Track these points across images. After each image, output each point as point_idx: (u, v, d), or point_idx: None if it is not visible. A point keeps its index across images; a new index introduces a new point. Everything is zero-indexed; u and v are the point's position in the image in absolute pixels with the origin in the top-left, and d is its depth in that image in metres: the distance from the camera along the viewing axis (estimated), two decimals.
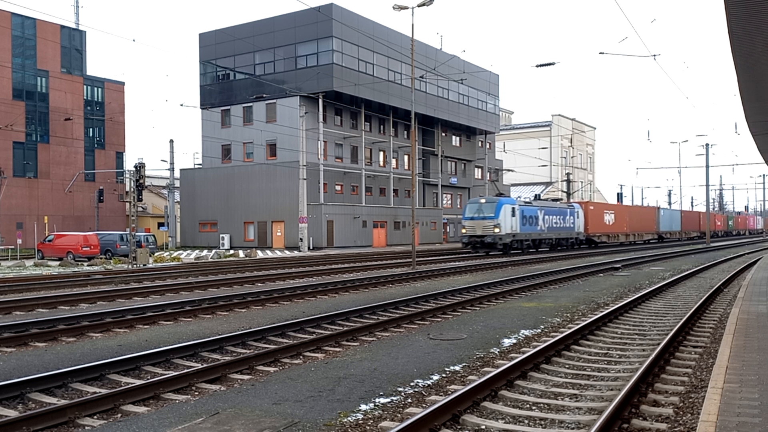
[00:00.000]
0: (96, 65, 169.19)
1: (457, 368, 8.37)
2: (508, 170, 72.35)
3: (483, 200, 38.01)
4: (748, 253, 39.98)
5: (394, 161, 54.10)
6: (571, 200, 60.52)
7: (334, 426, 6.02)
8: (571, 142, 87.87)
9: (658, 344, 9.46)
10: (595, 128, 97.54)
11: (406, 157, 55.54)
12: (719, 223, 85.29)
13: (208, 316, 13.43)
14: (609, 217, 51.54)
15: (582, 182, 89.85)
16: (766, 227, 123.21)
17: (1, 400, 6.90)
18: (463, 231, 37.93)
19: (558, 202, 46.04)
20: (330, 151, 48.05)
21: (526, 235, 39.43)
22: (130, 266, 28.75)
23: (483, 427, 6.01)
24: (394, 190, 54.26)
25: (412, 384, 7.55)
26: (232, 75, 50.80)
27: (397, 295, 16.51)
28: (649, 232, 59.84)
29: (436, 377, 7.88)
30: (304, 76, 46.24)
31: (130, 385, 7.13)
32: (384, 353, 9.32)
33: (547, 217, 41.96)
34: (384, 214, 51.81)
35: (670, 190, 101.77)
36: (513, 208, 37.88)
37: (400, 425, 5.46)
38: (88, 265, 31.38)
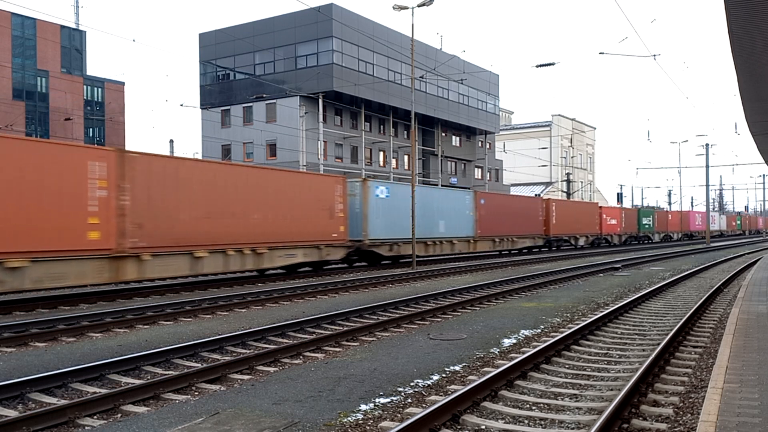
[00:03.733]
0: (96, 65, 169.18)
1: (457, 368, 8.36)
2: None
3: None
4: (748, 253, 39.99)
5: (394, 161, 54.07)
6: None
7: (334, 426, 6.02)
8: (571, 142, 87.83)
9: (658, 344, 9.46)
10: (595, 128, 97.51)
11: (406, 157, 55.51)
12: (613, 222, 53.01)
13: (208, 316, 13.43)
14: None
15: (582, 182, 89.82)
16: (731, 228, 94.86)
17: (1, 400, 6.90)
18: None
19: None
20: (330, 151, 48.01)
21: None
22: None
23: (483, 427, 6.01)
24: None
25: (412, 384, 7.55)
26: (232, 75, 50.76)
27: (397, 295, 16.51)
28: (286, 246, 21.31)
29: (436, 377, 7.88)
30: (304, 76, 46.21)
31: (130, 385, 7.13)
32: (384, 353, 9.32)
33: None
34: None
35: (670, 190, 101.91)
36: None
37: (400, 425, 5.45)
38: None
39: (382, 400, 6.88)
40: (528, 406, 6.71)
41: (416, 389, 7.33)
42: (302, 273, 23.76)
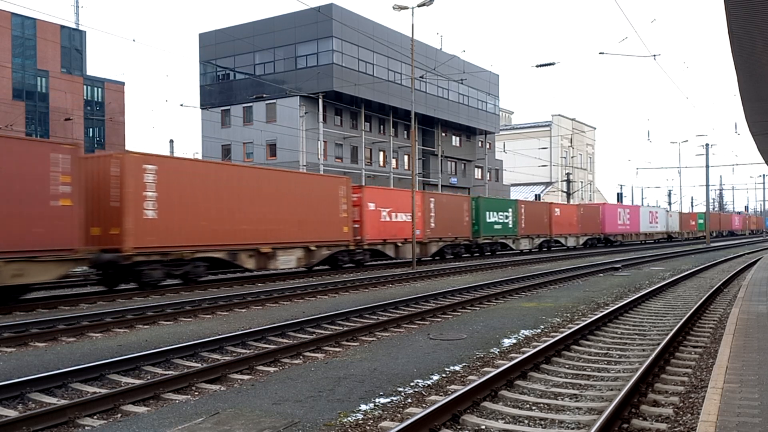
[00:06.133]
0: (96, 65, 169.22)
1: (457, 368, 8.36)
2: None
3: None
4: (748, 254, 40.01)
5: (394, 161, 54.07)
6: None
7: (334, 426, 6.02)
8: (571, 142, 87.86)
9: (658, 344, 9.46)
10: (595, 128, 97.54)
11: (406, 157, 55.51)
12: (402, 219, 28.28)
13: (208, 316, 13.43)
14: None
15: (582, 182, 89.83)
16: (688, 229, 74.19)
17: (1, 400, 6.90)
18: None
19: None
20: (330, 151, 48.02)
21: None
22: None
23: (483, 427, 6.01)
24: None
25: (412, 384, 7.55)
26: (232, 75, 50.76)
27: (397, 295, 16.51)
28: None
29: (436, 377, 7.88)
30: (304, 76, 46.22)
31: (130, 385, 7.13)
32: (384, 353, 9.32)
33: None
34: None
35: (670, 190, 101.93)
36: None
37: (400, 425, 5.45)
38: None
39: (382, 400, 6.88)
40: (528, 406, 6.70)
41: (416, 389, 7.33)
42: (302, 273, 23.76)
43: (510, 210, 38.92)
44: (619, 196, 78.25)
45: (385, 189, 29.96)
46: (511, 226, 38.63)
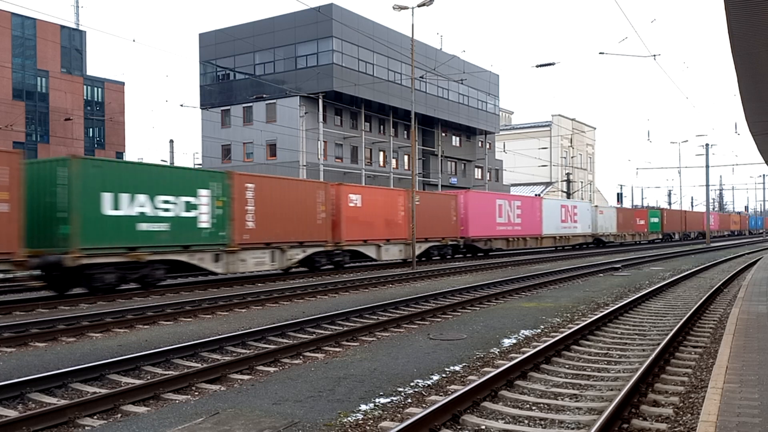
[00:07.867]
0: (96, 65, 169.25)
1: (457, 368, 8.36)
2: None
3: None
4: (748, 254, 40.02)
5: (394, 161, 54.07)
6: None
7: (334, 426, 6.02)
8: (571, 142, 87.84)
9: (658, 344, 9.46)
10: (595, 128, 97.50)
11: (406, 157, 55.50)
12: None
13: (208, 316, 13.43)
14: None
15: (582, 182, 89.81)
16: (635, 230, 57.56)
17: (1, 400, 6.90)
18: None
19: None
20: (330, 151, 48.01)
21: None
22: None
23: (483, 427, 6.01)
24: None
25: (412, 384, 7.55)
26: (232, 75, 50.75)
27: (397, 295, 16.51)
28: None
29: (436, 377, 7.88)
30: (304, 76, 46.22)
31: (130, 385, 7.13)
32: (384, 353, 9.32)
33: None
34: None
35: (670, 190, 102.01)
36: None
37: (400, 425, 5.45)
38: None
39: (382, 400, 6.88)
40: (528, 406, 6.70)
41: (416, 389, 7.33)
42: (302, 273, 23.78)
43: (208, 191, 19.12)
44: (619, 196, 78.26)
45: None
46: (208, 225, 19.10)
